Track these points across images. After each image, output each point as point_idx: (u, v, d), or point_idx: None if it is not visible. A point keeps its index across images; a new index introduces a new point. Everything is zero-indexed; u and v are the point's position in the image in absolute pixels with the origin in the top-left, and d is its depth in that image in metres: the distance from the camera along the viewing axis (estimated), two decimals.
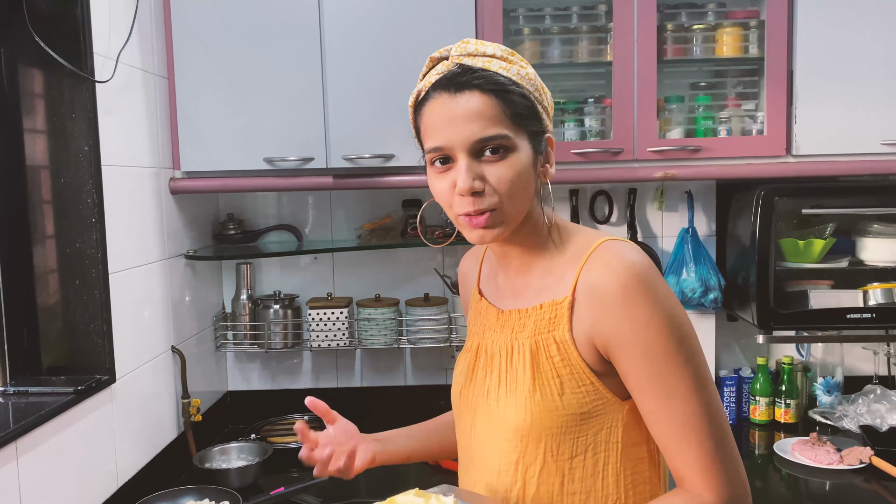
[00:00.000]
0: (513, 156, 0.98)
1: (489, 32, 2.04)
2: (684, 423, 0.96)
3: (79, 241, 1.67)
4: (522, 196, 1.00)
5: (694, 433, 0.96)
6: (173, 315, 2.10)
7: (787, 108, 2.06)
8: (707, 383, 0.97)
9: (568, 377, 1.01)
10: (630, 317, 0.95)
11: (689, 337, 0.98)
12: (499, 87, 0.98)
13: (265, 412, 2.47)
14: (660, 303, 0.95)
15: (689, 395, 0.96)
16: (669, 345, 0.95)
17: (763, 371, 2.40)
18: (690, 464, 0.96)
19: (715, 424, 0.97)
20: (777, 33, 2.04)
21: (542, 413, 1.01)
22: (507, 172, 0.98)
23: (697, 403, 0.96)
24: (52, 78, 1.64)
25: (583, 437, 1.02)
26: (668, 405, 0.96)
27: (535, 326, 1.04)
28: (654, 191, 2.38)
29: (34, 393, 1.57)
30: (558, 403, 1.00)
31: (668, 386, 0.96)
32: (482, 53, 1.00)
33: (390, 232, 2.40)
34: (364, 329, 2.37)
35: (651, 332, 0.95)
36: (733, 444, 0.99)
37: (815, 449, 2.12)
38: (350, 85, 2.05)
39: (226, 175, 2.12)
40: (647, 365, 0.96)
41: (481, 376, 1.11)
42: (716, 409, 0.97)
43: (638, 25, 2.04)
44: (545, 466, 1.03)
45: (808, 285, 2.18)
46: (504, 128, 0.97)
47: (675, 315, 0.97)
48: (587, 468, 1.03)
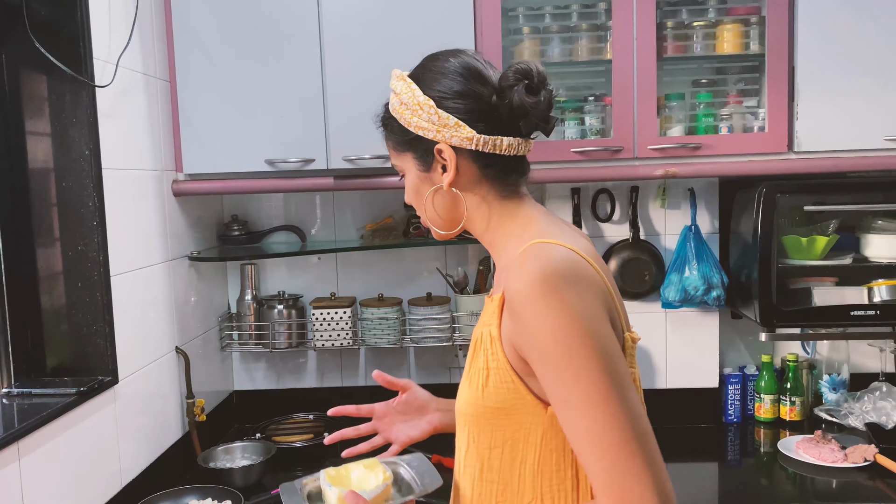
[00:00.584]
0: (407, 176, 1.15)
1: (488, 32, 2.05)
2: (582, 435, 0.92)
3: (81, 245, 1.69)
4: (423, 206, 1.13)
5: (592, 447, 0.91)
6: (177, 316, 2.12)
7: (788, 104, 2.05)
8: (608, 398, 0.91)
9: (494, 371, 1.02)
10: (529, 322, 0.95)
11: (592, 343, 0.92)
12: (383, 123, 1.16)
13: (270, 412, 2.49)
14: (554, 307, 0.93)
15: (584, 408, 0.91)
16: (560, 356, 0.92)
17: (768, 368, 2.39)
18: (592, 476, 0.93)
19: (617, 440, 0.90)
20: (778, 29, 2.03)
21: (468, 401, 1.06)
22: (407, 190, 1.16)
23: (594, 418, 0.91)
24: (52, 83, 1.66)
25: (500, 430, 1.03)
26: (566, 416, 0.94)
27: (483, 318, 1.09)
28: (656, 188, 2.37)
29: (37, 394, 1.59)
30: (479, 395, 1.04)
31: (563, 397, 0.93)
32: (392, 88, 1.14)
33: (392, 232, 2.40)
34: (367, 329, 2.38)
35: (543, 339, 0.93)
36: (648, 459, 0.90)
37: (819, 447, 2.11)
38: (349, 86, 2.05)
39: (228, 177, 2.14)
40: (544, 372, 0.95)
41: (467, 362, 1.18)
42: (619, 424, 0.90)
43: (637, 23, 2.04)
44: (469, 451, 1.09)
45: (811, 282, 2.17)
46: (392, 156, 1.16)
47: (573, 320, 0.92)
48: (504, 461, 1.04)
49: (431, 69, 1.11)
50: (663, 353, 2.43)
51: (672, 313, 2.40)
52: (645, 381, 2.44)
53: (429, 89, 1.08)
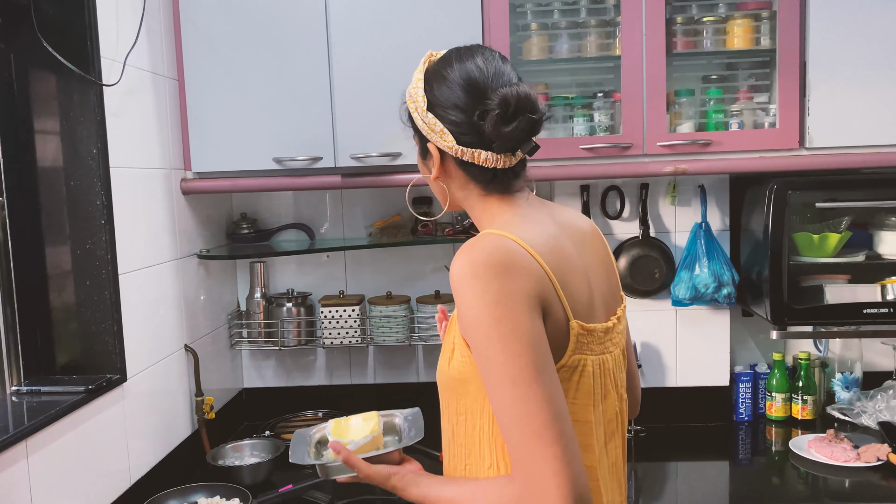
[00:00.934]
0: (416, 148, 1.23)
1: (495, 29, 2.04)
2: (497, 412, 1.00)
3: (89, 243, 1.70)
4: (430, 182, 1.21)
5: (505, 425, 0.99)
6: (186, 314, 2.13)
7: (799, 100, 2.02)
8: (518, 378, 0.97)
9: (458, 346, 1.09)
10: (458, 305, 1.03)
11: (501, 333, 0.98)
12: (402, 101, 1.23)
13: (280, 409, 2.50)
14: (476, 292, 0.99)
15: (498, 388, 0.99)
16: (480, 336, 1.00)
17: (779, 367, 2.37)
18: (508, 450, 1.00)
19: (527, 422, 0.96)
20: (789, 24, 2.01)
21: (439, 371, 1.16)
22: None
23: (507, 399, 0.98)
24: (60, 82, 1.67)
25: (463, 400, 1.12)
26: (489, 391, 1.01)
27: None
28: (666, 185, 2.35)
29: (46, 392, 1.60)
30: (446, 366, 1.13)
31: (484, 375, 1.01)
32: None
33: (401, 230, 2.40)
34: (376, 326, 2.38)
35: (466, 321, 1.01)
36: (551, 441, 0.96)
37: (831, 446, 2.08)
38: (357, 84, 2.05)
39: (236, 175, 2.14)
40: (473, 352, 1.03)
41: None
42: (530, 408, 0.97)
43: (646, 18, 2.02)
44: (444, 416, 1.18)
45: (823, 280, 2.14)
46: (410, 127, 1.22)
47: (488, 306, 0.99)
48: (468, 428, 1.13)
49: (440, 71, 1.15)
50: (673, 351, 2.41)
51: (682, 311, 2.39)
52: (655, 379, 2.42)
53: (429, 90, 1.15)
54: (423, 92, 1.15)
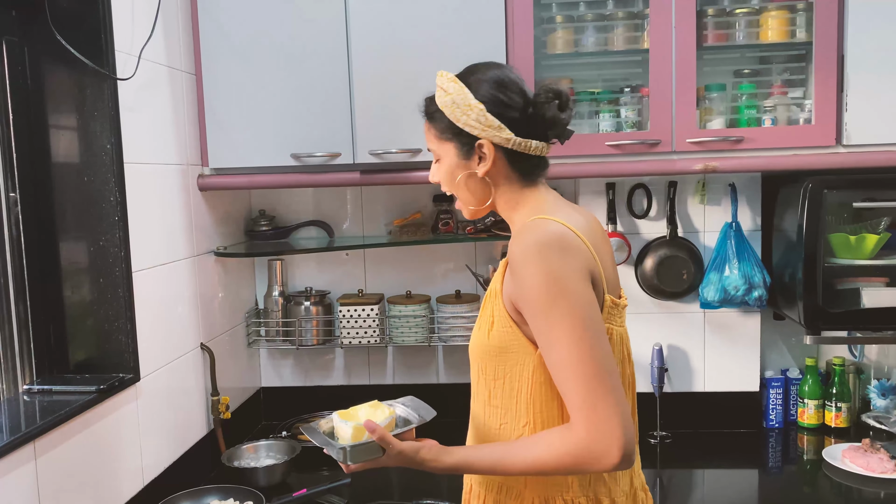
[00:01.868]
0: (442, 161, 1.35)
1: (519, 22, 1.98)
2: (562, 368, 1.15)
3: (102, 240, 1.67)
4: (456, 188, 1.35)
5: (572, 378, 1.14)
6: (202, 312, 2.10)
7: (836, 94, 1.94)
8: (582, 338, 1.14)
9: (498, 318, 1.26)
10: (522, 277, 1.18)
11: (572, 296, 1.16)
12: (428, 114, 1.35)
13: (298, 409, 2.46)
14: (544, 265, 1.17)
15: (563, 346, 1.15)
16: (550, 302, 1.15)
17: (812, 372, 2.29)
18: (569, 401, 1.16)
19: (590, 373, 1.14)
20: (826, 16, 1.92)
21: (477, 343, 1.31)
22: (438, 173, 1.37)
23: (570, 353, 1.14)
24: (74, 76, 1.63)
25: (502, 366, 1.27)
26: (549, 353, 1.17)
27: (496, 276, 1.31)
28: (695, 184, 2.28)
29: (58, 391, 1.57)
30: (485, 337, 1.28)
31: (548, 337, 1.17)
32: (436, 83, 1.33)
33: (421, 227, 2.35)
34: (395, 326, 2.33)
35: (533, 290, 1.17)
36: (611, 395, 1.13)
37: (867, 456, 2.00)
38: (376, 79, 2.00)
39: (253, 171, 2.11)
40: (532, 318, 1.19)
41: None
42: (591, 361, 1.14)
43: (676, 10, 1.95)
44: (479, 380, 1.32)
45: (860, 283, 2.05)
46: (432, 143, 1.35)
47: (555, 279, 1.16)
48: (505, 391, 1.28)
49: (480, 77, 1.30)
50: (701, 355, 2.34)
51: (711, 314, 2.31)
52: (682, 383, 2.35)
53: (478, 94, 1.28)
54: (474, 98, 1.28)
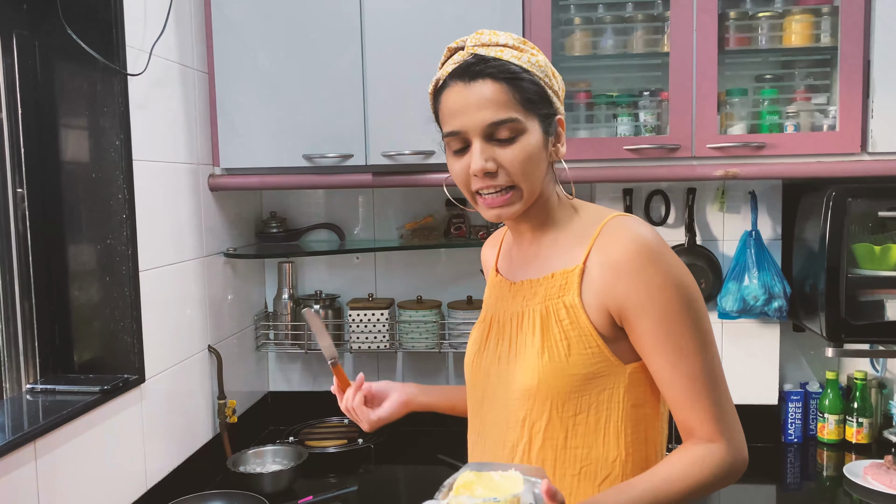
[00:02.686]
0: (523, 138, 1.06)
1: (537, 25, 1.94)
2: (695, 378, 1.04)
3: (109, 238, 1.64)
4: (534, 175, 1.08)
5: (704, 388, 1.04)
6: (210, 314, 2.07)
7: (862, 101, 1.89)
8: (711, 344, 1.06)
9: (576, 339, 1.07)
10: (644, 283, 1.03)
11: (697, 301, 1.06)
12: (509, 75, 1.05)
13: (306, 414, 2.42)
14: (670, 270, 1.04)
15: (696, 353, 1.04)
16: (679, 308, 1.03)
17: (833, 386, 2.23)
18: (701, 415, 1.04)
19: (720, 381, 1.06)
20: (852, 20, 1.87)
21: (550, 373, 1.08)
22: (519, 154, 1.06)
23: (704, 361, 1.04)
24: (84, 71, 1.61)
25: (586, 396, 1.08)
26: (680, 363, 1.04)
27: (545, 293, 1.11)
28: (714, 191, 2.23)
29: (61, 391, 1.55)
30: (565, 364, 1.07)
31: (679, 346, 1.04)
32: (495, 43, 1.07)
33: (433, 232, 2.31)
34: (405, 331, 2.30)
35: (664, 296, 1.03)
36: (730, 399, 1.07)
37: (890, 473, 1.94)
38: (390, 80, 1.97)
39: (265, 172, 2.08)
40: (661, 327, 1.04)
41: (493, 344, 1.18)
42: (719, 368, 1.07)
43: (697, 13, 1.90)
44: (550, 423, 1.09)
45: (884, 294, 2.00)
46: (514, 112, 1.05)
47: (683, 281, 1.05)
48: (589, 425, 1.09)
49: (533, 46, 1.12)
50: None
51: (729, 324, 2.26)
52: None
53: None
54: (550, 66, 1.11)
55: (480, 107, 1.04)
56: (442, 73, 1.11)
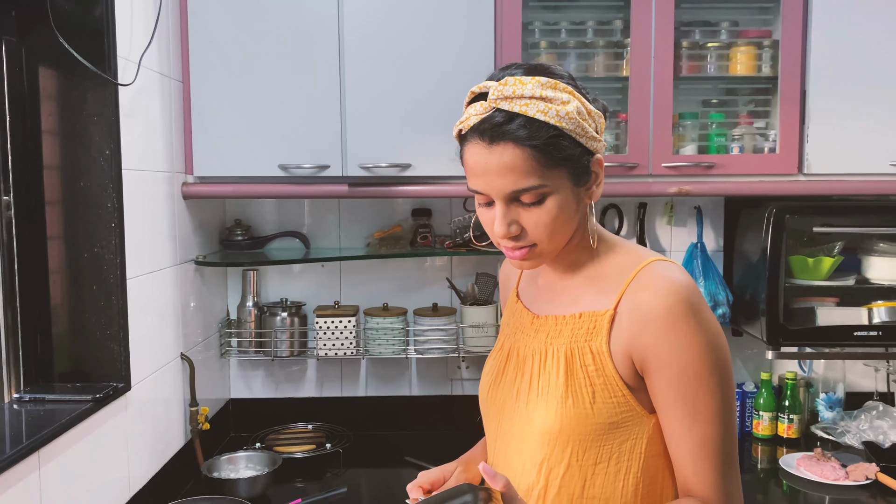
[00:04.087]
0: (549, 199, 1.01)
1: (508, 46, 2.05)
2: (704, 444, 1.00)
3: (97, 246, 1.64)
4: (562, 231, 1.04)
5: (712, 455, 1.00)
6: (182, 322, 2.07)
7: (799, 126, 2.09)
8: (732, 410, 1.02)
9: (601, 387, 1.03)
10: (672, 338, 0.99)
11: (725, 364, 1.01)
12: (534, 139, 0.97)
13: (268, 421, 2.44)
14: (702, 328, 0.99)
15: (713, 419, 1.00)
16: (705, 369, 0.99)
17: (767, 386, 2.42)
18: (706, 480, 1.01)
19: (730, 449, 1.02)
20: (791, 53, 2.07)
21: (573, 419, 1.04)
22: (544, 217, 1.01)
23: (719, 427, 1.00)
24: (73, 80, 1.61)
25: (608, 445, 1.04)
26: (692, 426, 1.00)
27: (571, 334, 1.07)
28: (663, 206, 2.40)
29: (51, 401, 1.54)
30: (589, 411, 1.03)
31: (696, 409, 1.00)
32: (519, 95, 0.98)
33: (399, 241, 2.38)
34: (371, 338, 2.35)
35: (690, 355, 0.99)
36: (738, 468, 1.04)
37: (820, 464, 2.14)
38: (368, 92, 2.04)
39: (239, 181, 2.10)
40: (680, 386, 1.00)
41: (511, 377, 1.14)
42: (733, 435, 1.02)
43: (655, 42, 2.06)
44: (569, 470, 1.06)
45: (815, 302, 2.21)
46: (538, 178, 0.99)
47: (715, 341, 1.00)
48: (609, 475, 1.05)
49: (572, 78, 1.06)
50: None
51: None
52: None
53: (592, 101, 1.05)
54: (590, 104, 1.03)
55: (501, 173, 0.99)
56: (465, 124, 1.03)
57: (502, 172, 0.99)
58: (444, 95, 2.01)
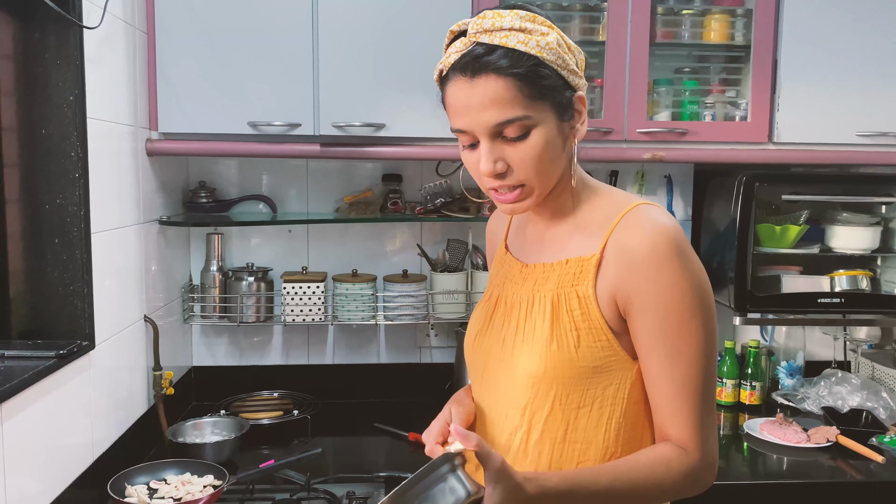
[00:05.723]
0: (534, 133, 1.00)
1: (485, 5, 2.02)
2: (684, 386, 1.01)
3: (59, 198, 1.56)
4: (549, 168, 1.04)
5: (691, 396, 1.01)
6: (146, 283, 2.00)
7: (770, 96, 2.11)
8: (713, 354, 1.03)
9: (586, 331, 1.04)
10: (655, 279, 1.00)
11: (708, 307, 1.02)
12: (515, 68, 0.97)
13: (232, 389, 2.39)
14: (686, 269, 1.00)
15: (694, 361, 1.01)
16: (687, 311, 1.00)
17: (730, 354, 2.46)
18: (683, 423, 1.02)
19: (709, 392, 1.03)
20: (763, 22, 2.09)
21: (558, 362, 1.04)
22: (530, 152, 1.01)
23: (699, 370, 1.01)
24: (35, 21, 1.52)
25: (592, 389, 1.05)
26: (673, 367, 1.01)
27: (558, 280, 1.08)
28: (634, 174, 2.40)
29: (11, 357, 1.46)
30: (574, 355, 1.04)
31: (677, 350, 1.01)
32: (499, 28, 0.98)
33: (370, 206, 2.34)
34: (340, 304, 2.31)
35: (673, 295, 0.99)
36: (714, 411, 1.06)
37: (783, 428, 2.18)
38: (342, 49, 1.98)
39: (206, 138, 2.03)
40: (662, 326, 1.00)
41: (498, 325, 1.15)
42: (713, 380, 1.04)
43: (633, 7, 2.05)
44: (552, 413, 1.07)
45: (780, 270, 2.25)
46: (522, 109, 0.99)
47: (699, 283, 1.01)
48: (591, 419, 1.06)
49: (550, 17, 1.05)
50: None
51: None
52: None
53: (565, 34, 1.05)
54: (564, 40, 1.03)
55: (484, 107, 0.98)
56: (445, 63, 1.03)
57: (486, 105, 0.98)
58: (419, 51, 1.96)
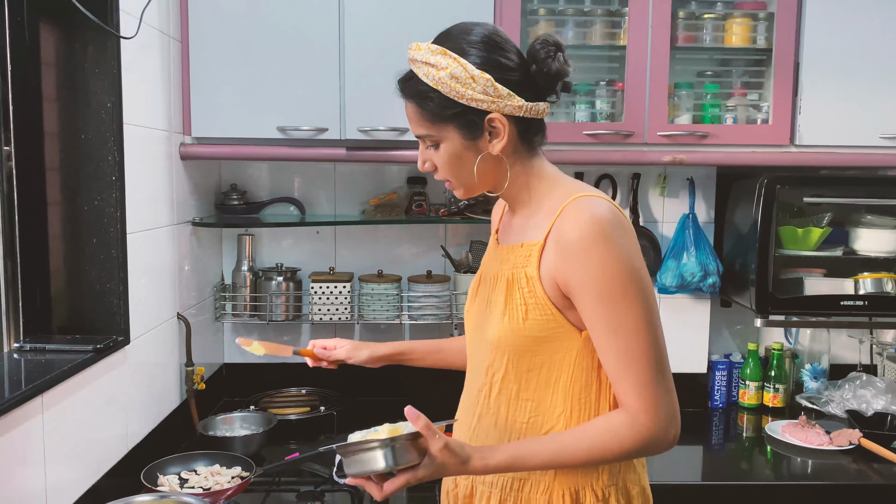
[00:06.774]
0: (442, 146, 1.22)
1: (507, 12, 2.06)
2: (627, 355, 1.12)
3: (97, 200, 1.64)
4: (463, 173, 1.24)
5: (635, 364, 1.12)
6: (179, 282, 2.08)
7: (792, 98, 2.12)
8: (652, 322, 1.13)
9: (533, 307, 1.19)
10: (585, 263, 1.12)
11: (640, 280, 1.13)
12: (417, 95, 1.20)
13: (262, 385, 2.46)
14: (613, 250, 1.12)
15: (633, 331, 1.12)
16: (619, 287, 1.12)
17: (753, 356, 2.47)
18: (630, 390, 1.12)
19: (654, 358, 1.12)
20: (785, 25, 2.10)
21: (508, 332, 1.21)
22: (439, 159, 1.24)
23: (640, 339, 1.12)
24: (75, 32, 1.61)
25: (539, 355, 1.21)
26: (614, 339, 1.13)
27: (514, 261, 1.24)
28: (657, 177, 2.42)
29: (52, 350, 1.54)
30: (521, 326, 1.20)
31: (616, 323, 1.12)
32: (415, 59, 1.20)
33: (395, 208, 2.40)
34: (366, 304, 2.37)
35: (603, 274, 1.12)
36: (670, 378, 1.15)
37: (805, 431, 2.19)
38: (368, 55, 2.04)
39: (237, 142, 2.10)
40: (598, 305, 1.13)
41: (481, 297, 1.33)
42: (656, 346, 1.13)
43: (653, 11, 2.08)
44: (506, 374, 1.24)
45: (803, 272, 2.25)
46: (426, 128, 1.21)
47: (627, 260, 1.13)
48: (540, 381, 1.22)
49: (470, 41, 1.19)
50: None
51: (667, 299, 2.46)
52: None
53: (478, 63, 1.17)
54: (476, 68, 1.16)
55: (409, 121, 1.25)
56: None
57: (409, 119, 1.24)
58: None
